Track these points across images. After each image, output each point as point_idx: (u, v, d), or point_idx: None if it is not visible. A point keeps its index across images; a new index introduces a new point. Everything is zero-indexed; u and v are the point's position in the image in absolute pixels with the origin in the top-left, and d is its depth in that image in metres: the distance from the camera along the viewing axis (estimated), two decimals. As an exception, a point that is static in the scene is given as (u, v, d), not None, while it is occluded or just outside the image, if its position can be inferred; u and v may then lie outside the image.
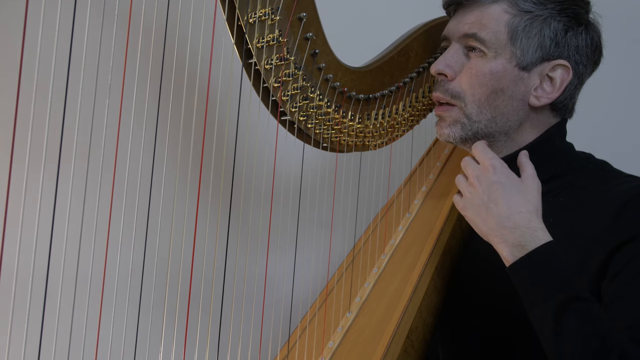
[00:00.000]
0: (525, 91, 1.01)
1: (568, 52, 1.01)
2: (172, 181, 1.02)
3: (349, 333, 1.01)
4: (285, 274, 1.10)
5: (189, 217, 0.99)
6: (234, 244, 0.98)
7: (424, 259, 1.05)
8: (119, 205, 0.83)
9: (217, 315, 0.93)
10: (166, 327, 0.92)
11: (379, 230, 1.15)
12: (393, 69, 1.09)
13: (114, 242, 0.83)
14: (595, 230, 0.94)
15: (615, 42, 1.57)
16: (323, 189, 1.22)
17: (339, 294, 1.08)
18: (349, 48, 1.05)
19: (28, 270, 0.69)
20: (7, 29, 0.93)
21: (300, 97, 0.97)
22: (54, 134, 0.69)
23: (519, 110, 1.02)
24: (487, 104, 1.01)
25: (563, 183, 1.03)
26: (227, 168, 1.07)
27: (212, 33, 0.88)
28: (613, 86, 1.58)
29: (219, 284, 0.93)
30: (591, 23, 1.04)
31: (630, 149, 1.55)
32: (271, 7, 0.89)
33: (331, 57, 1.00)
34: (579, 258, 0.93)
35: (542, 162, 1.03)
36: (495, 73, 0.99)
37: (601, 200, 0.96)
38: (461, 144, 1.06)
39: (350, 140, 1.08)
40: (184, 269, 0.94)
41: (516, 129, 1.03)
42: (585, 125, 1.54)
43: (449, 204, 1.12)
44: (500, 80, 1.00)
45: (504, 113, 1.01)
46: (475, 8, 1.01)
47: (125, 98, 0.83)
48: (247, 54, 0.90)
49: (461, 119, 1.03)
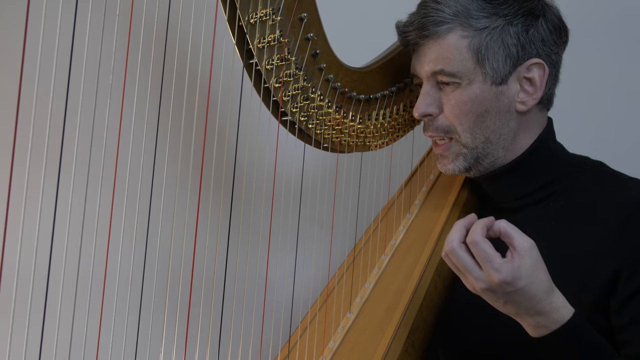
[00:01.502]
0: (509, 102, 1.00)
1: (536, 48, 0.99)
2: (173, 182, 1.02)
3: (349, 333, 1.01)
4: (286, 275, 1.10)
5: (190, 218, 0.99)
6: (234, 244, 0.98)
7: (425, 259, 1.05)
8: (120, 206, 0.83)
9: (218, 315, 0.93)
10: (167, 327, 0.92)
11: (380, 230, 1.15)
12: (394, 69, 1.09)
13: (115, 243, 0.83)
14: (601, 237, 0.94)
15: (615, 42, 1.58)
16: (324, 189, 1.22)
17: (340, 294, 1.08)
18: (350, 49, 1.05)
19: (29, 272, 0.69)
20: (8, 32, 0.93)
21: (301, 98, 0.97)
22: (55, 136, 0.69)
23: (509, 121, 1.01)
24: (477, 128, 1.00)
25: (562, 187, 1.02)
26: (227, 168, 1.07)
27: (213, 33, 0.88)
28: (614, 86, 1.58)
29: (219, 284, 0.93)
30: (546, 7, 1.02)
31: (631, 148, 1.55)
32: (272, 8, 0.89)
33: (332, 58, 1.00)
34: (585, 266, 0.93)
35: (540, 167, 1.02)
36: (474, 98, 0.99)
37: (605, 204, 0.96)
38: (466, 173, 1.06)
39: (351, 141, 1.08)
40: (185, 270, 0.94)
41: (512, 140, 1.02)
42: (585, 125, 1.54)
43: (450, 205, 1.12)
44: (482, 103, 0.99)
45: (496, 130, 1.01)
46: (432, 43, 0.99)
47: (126, 99, 0.83)
48: (248, 54, 0.90)
49: (461, 151, 1.03)
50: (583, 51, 1.53)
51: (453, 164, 1.04)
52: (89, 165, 0.79)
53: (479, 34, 0.97)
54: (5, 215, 0.68)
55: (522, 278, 0.79)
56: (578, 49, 1.45)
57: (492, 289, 0.80)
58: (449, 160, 1.04)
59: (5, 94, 0.92)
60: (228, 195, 1.05)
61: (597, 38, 1.57)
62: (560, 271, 0.93)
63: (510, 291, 0.80)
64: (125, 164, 0.84)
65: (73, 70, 0.69)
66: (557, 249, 0.95)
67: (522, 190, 1.04)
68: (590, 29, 1.57)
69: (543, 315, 0.83)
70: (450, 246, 0.81)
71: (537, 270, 0.81)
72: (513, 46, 0.98)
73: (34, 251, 0.67)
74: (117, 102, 0.82)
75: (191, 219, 0.98)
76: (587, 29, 1.56)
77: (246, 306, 1.04)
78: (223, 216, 1.04)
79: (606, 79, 1.58)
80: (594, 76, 1.57)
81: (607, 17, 1.59)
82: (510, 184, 1.05)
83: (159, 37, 0.87)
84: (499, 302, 0.82)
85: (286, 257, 1.16)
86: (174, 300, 0.98)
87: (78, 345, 0.78)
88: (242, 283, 1.04)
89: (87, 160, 0.78)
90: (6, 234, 0.63)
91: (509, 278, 0.78)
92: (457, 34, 0.97)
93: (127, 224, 0.84)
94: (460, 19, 0.97)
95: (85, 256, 0.78)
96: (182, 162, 1.07)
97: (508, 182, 1.05)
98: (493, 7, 0.98)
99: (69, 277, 0.75)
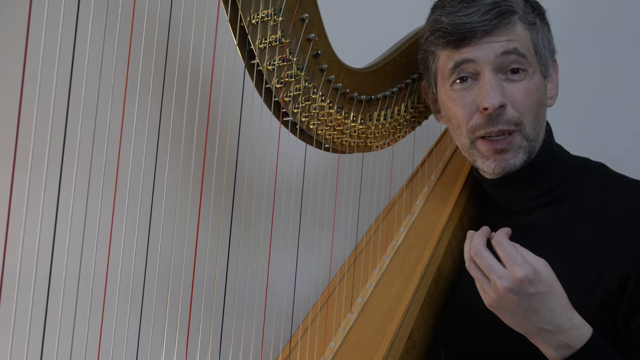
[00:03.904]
0: (545, 97, 1.02)
1: (553, 46, 1.04)
2: (175, 182, 1.02)
3: (350, 334, 1.01)
4: (287, 275, 1.10)
5: (192, 218, 0.99)
6: (236, 245, 0.98)
7: (426, 259, 1.05)
8: (121, 207, 0.83)
9: (219, 316, 0.93)
10: (168, 327, 0.92)
11: (381, 230, 1.15)
12: (395, 70, 1.09)
13: (117, 243, 0.83)
14: (611, 242, 0.94)
15: (615, 41, 1.58)
16: (325, 189, 1.22)
17: (341, 295, 1.08)
18: (351, 49, 1.04)
19: (30, 272, 0.69)
20: (10, 32, 0.93)
21: (302, 98, 0.97)
22: (56, 136, 0.69)
23: (545, 115, 1.03)
24: (536, 119, 1.00)
25: (569, 189, 1.02)
26: (229, 169, 1.07)
27: (214, 34, 0.88)
28: (614, 86, 1.58)
29: (220, 284, 0.93)
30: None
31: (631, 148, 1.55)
32: (274, 8, 0.89)
33: (333, 58, 0.99)
34: (594, 270, 0.93)
35: (547, 170, 1.02)
36: (538, 88, 0.99)
37: (612, 208, 0.97)
38: (520, 168, 1.00)
39: (352, 141, 1.08)
40: (186, 270, 0.94)
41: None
42: (585, 125, 1.55)
43: (451, 205, 1.12)
44: (542, 94, 1.00)
45: (542, 123, 1.02)
46: (500, 31, 0.97)
47: (128, 99, 0.83)
48: (249, 54, 0.90)
49: (522, 144, 0.99)
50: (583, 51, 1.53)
51: (515, 159, 0.99)
52: (90, 167, 0.79)
53: (532, 28, 1.00)
54: (6, 217, 0.68)
55: (543, 281, 0.81)
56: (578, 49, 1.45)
57: (514, 289, 0.81)
58: (511, 155, 0.99)
59: (7, 96, 0.92)
60: (229, 195, 1.05)
61: (596, 38, 1.57)
62: (569, 272, 0.93)
63: (532, 293, 0.81)
64: (126, 165, 0.84)
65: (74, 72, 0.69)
66: (565, 251, 0.96)
67: (533, 192, 1.04)
68: (590, 29, 1.57)
69: (565, 332, 0.83)
70: (476, 249, 0.84)
71: (555, 281, 0.83)
72: (549, 42, 1.03)
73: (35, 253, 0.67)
74: (118, 104, 0.82)
75: (193, 219, 0.98)
76: (587, 29, 1.57)
77: (247, 306, 1.04)
78: (224, 216, 1.05)
79: (606, 79, 1.58)
80: (593, 76, 1.57)
81: (606, 17, 1.59)
82: (522, 187, 1.04)
83: (160, 38, 0.87)
84: (519, 310, 0.82)
85: (287, 258, 1.16)
86: (175, 300, 0.98)
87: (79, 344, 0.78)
88: (243, 283, 1.04)
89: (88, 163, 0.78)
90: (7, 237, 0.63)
91: (531, 274, 0.80)
92: (522, 25, 0.99)
93: (129, 225, 0.84)
94: (521, 13, 0.99)
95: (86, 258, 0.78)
96: (184, 162, 1.07)
97: (520, 185, 1.04)
98: (530, 5, 1.01)
99: (70, 279, 0.75)
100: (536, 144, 1.01)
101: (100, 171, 0.80)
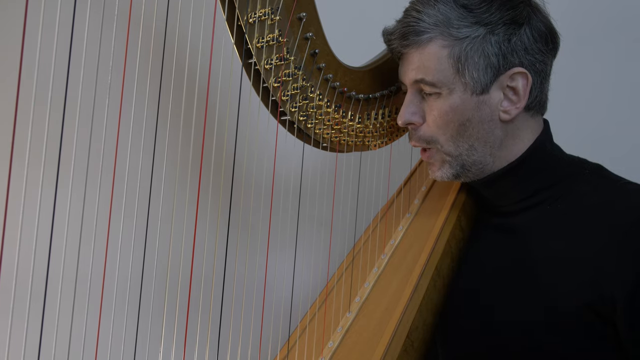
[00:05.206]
0: (491, 111, 0.99)
1: (519, 57, 0.97)
2: (172, 181, 1.02)
3: (348, 333, 1.01)
4: (285, 274, 1.10)
5: (189, 217, 0.99)
6: (233, 244, 0.98)
7: (424, 258, 1.05)
8: (119, 205, 0.83)
9: (217, 315, 0.93)
10: (166, 327, 0.92)
11: (379, 230, 1.15)
12: (393, 69, 1.09)
13: (114, 242, 0.83)
14: (603, 245, 0.91)
15: (615, 41, 1.58)
16: (323, 188, 1.22)
17: (339, 294, 1.08)
18: (349, 48, 1.05)
19: (28, 270, 0.69)
20: (7, 30, 0.93)
21: (300, 97, 0.97)
22: (53, 134, 0.69)
23: (494, 129, 1.00)
24: (460, 137, 1.00)
25: (560, 190, 1.01)
26: (227, 168, 1.07)
27: (212, 33, 0.88)
28: (614, 86, 1.58)
29: (218, 284, 0.93)
30: (532, 12, 1.00)
31: (631, 150, 1.55)
32: (271, 7, 0.89)
33: (331, 57, 1.00)
34: (582, 271, 0.92)
35: (537, 171, 1.02)
36: (455, 108, 0.98)
37: (603, 211, 0.95)
38: (455, 179, 1.05)
39: (350, 140, 1.08)
40: (184, 269, 0.94)
41: (499, 147, 1.01)
42: (585, 125, 1.55)
43: (449, 204, 1.12)
44: (464, 112, 0.98)
45: (480, 138, 1.00)
46: (414, 52, 0.99)
47: (125, 98, 0.83)
48: (247, 53, 0.90)
49: (445, 158, 1.03)
50: (582, 51, 1.53)
51: (440, 171, 1.04)
52: (88, 164, 0.79)
53: (459, 43, 0.96)
54: (4, 214, 0.68)
55: None
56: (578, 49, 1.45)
57: None
58: (436, 168, 1.05)
59: (4, 92, 0.92)
60: (227, 194, 1.05)
61: (596, 38, 1.57)
62: (558, 272, 0.93)
63: None
64: (124, 163, 0.84)
65: (72, 69, 0.69)
66: (554, 251, 0.95)
67: (520, 194, 1.03)
68: (589, 29, 1.57)
69: None
70: None
71: None
72: (494, 55, 0.96)
73: (32, 250, 0.67)
74: (116, 102, 0.82)
75: (190, 217, 0.98)
76: (587, 29, 1.57)
77: (245, 305, 1.04)
78: (222, 215, 1.05)
79: (605, 79, 1.58)
80: (593, 76, 1.57)
81: (606, 16, 1.59)
82: (507, 188, 1.04)
83: (157, 36, 0.87)
84: None
85: (285, 257, 1.16)
86: (173, 299, 0.98)
87: (77, 342, 0.78)
88: (241, 282, 1.04)
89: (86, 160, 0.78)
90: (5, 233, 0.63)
91: None
92: (438, 43, 0.97)
93: (127, 223, 0.84)
94: (440, 29, 0.96)
95: (84, 255, 0.78)
96: (181, 161, 1.07)
97: (505, 186, 1.04)
98: (475, 16, 0.96)
99: (68, 274, 0.75)
100: (466, 157, 1.01)
101: (98, 170, 0.80)
